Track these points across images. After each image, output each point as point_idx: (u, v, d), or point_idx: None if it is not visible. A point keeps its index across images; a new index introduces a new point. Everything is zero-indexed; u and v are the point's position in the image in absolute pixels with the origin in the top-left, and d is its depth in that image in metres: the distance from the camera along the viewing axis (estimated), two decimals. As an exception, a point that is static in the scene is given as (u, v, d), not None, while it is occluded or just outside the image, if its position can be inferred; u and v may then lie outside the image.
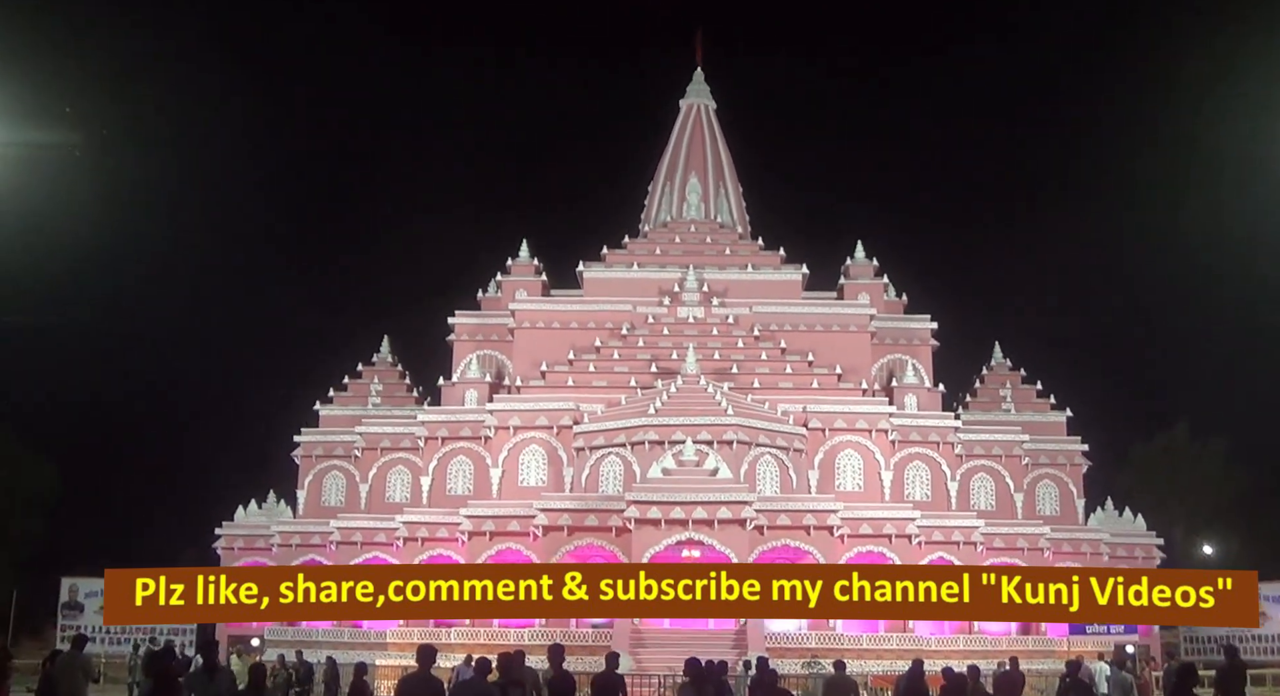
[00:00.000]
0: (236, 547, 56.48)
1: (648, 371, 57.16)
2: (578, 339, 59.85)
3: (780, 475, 52.63)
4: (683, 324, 59.65)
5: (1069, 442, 58.01)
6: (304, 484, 58.30)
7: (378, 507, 55.85)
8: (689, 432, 50.65)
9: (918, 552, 50.29)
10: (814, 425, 54.49)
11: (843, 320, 61.08)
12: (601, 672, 21.10)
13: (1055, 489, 56.94)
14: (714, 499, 47.29)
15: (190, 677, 16.46)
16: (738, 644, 43.62)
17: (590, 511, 49.31)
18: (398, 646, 46.38)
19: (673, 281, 61.92)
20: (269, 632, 51.17)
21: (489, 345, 63.03)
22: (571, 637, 42.40)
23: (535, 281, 64.56)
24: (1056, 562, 52.78)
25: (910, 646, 45.34)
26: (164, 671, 15.86)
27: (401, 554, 51.98)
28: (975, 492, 55.72)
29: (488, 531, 50.45)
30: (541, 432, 55.08)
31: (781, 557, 49.67)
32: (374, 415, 59.25)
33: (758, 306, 60.63)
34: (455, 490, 55.51)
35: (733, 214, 69.08)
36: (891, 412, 55.49)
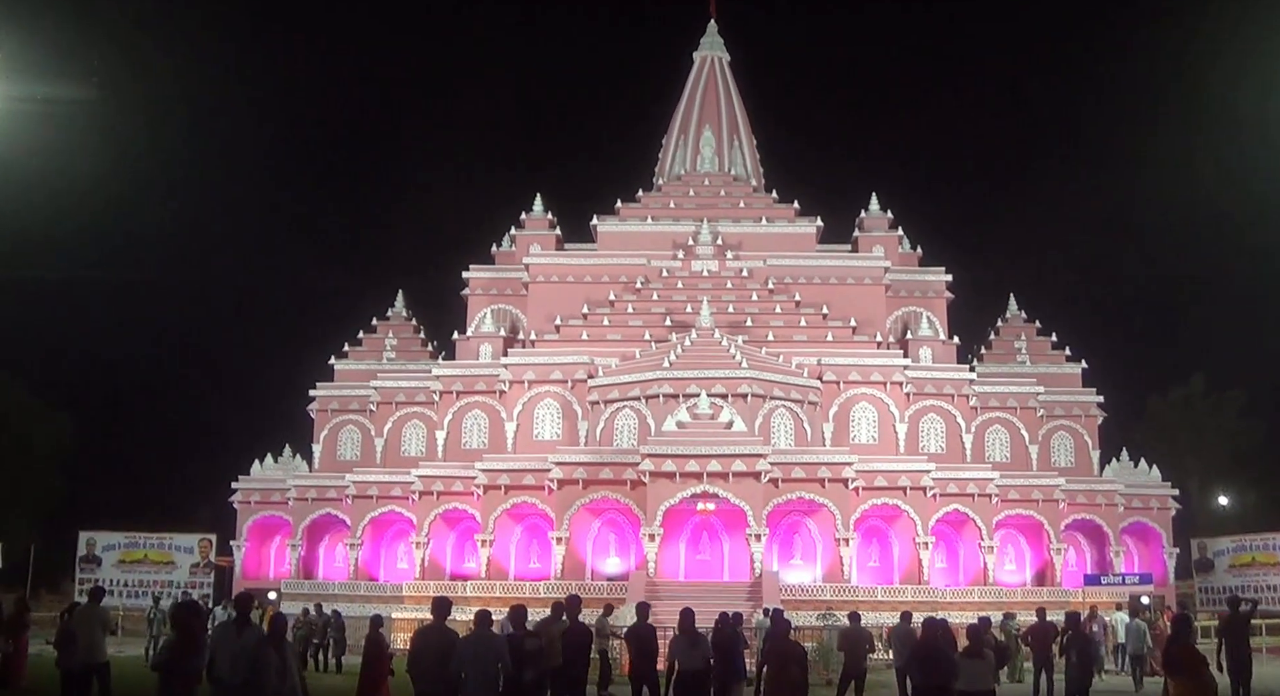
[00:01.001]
0: (252, 502, 56.84)
1: (662, 325, 57.08)
2: (592, 292, 59.76)
3: (795, 428, 52.60)
4: (697, 277, 59.51)
5: (1084, 394, 57.86)
6: (319, 438, 58.43)
7: (393, 462, 55.97)
8: (703, 386, 50.62)
9: (932, 505, 50.31)
10: (828, 378, 54.40)
11: (857, 273, 60.92)
12: (635, 624, 21.10)
13: (1070, 441, 56.84)
14: (729, 452, 47.28)
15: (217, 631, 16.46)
16: (753, 596, 43.66)
17: (605, 465, 49.31)
18: (413, 599, 46.55)
19: (687, 234, 61.73)
20: (285, 585, 51.53)
21: (503, 299, 62.98)
22: (587, 590, 42.46)
23: (549, 235, 64.42)
24: (1071, 515, 52.93)
25: (925, 598, 45.42)
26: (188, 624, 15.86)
27: (417, 508, 52.14)
28: (990, 445, 55.63)
29: (503, 485, 50.55)
30: (556, 386, 55.07)
31: (796, 511, 49.79)
32: (389, 369, 59.29)
33: (772, 259, 60.45)
34: (470, 444, 55.57)
35: (747, 167, 68.81)
36: (906, 365, 55.36)
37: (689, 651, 19.88)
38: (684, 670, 19.91)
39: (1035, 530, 52.92)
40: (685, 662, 19.88)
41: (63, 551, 57.46)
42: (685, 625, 20.21)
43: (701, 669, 19.83)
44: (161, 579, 53.72)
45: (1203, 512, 69.68)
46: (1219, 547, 54.45)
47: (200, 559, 54.64)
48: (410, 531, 52.90)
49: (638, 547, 49.10)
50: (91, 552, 54.43)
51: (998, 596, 47.14)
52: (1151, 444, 66.39)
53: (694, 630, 20.27)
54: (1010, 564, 54.00)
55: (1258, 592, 49.75)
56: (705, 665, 19.96)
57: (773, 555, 49.61)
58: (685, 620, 20.29)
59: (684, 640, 20.02)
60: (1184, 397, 75.81)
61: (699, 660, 19.84)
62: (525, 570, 51.56)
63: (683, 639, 20.06)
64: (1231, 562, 53.39)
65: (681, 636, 20.13)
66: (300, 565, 55.29)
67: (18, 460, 65.59)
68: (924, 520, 49.93)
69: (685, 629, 20.16)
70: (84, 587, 45.98)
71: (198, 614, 16.36)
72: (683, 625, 20.25)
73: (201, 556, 54.74)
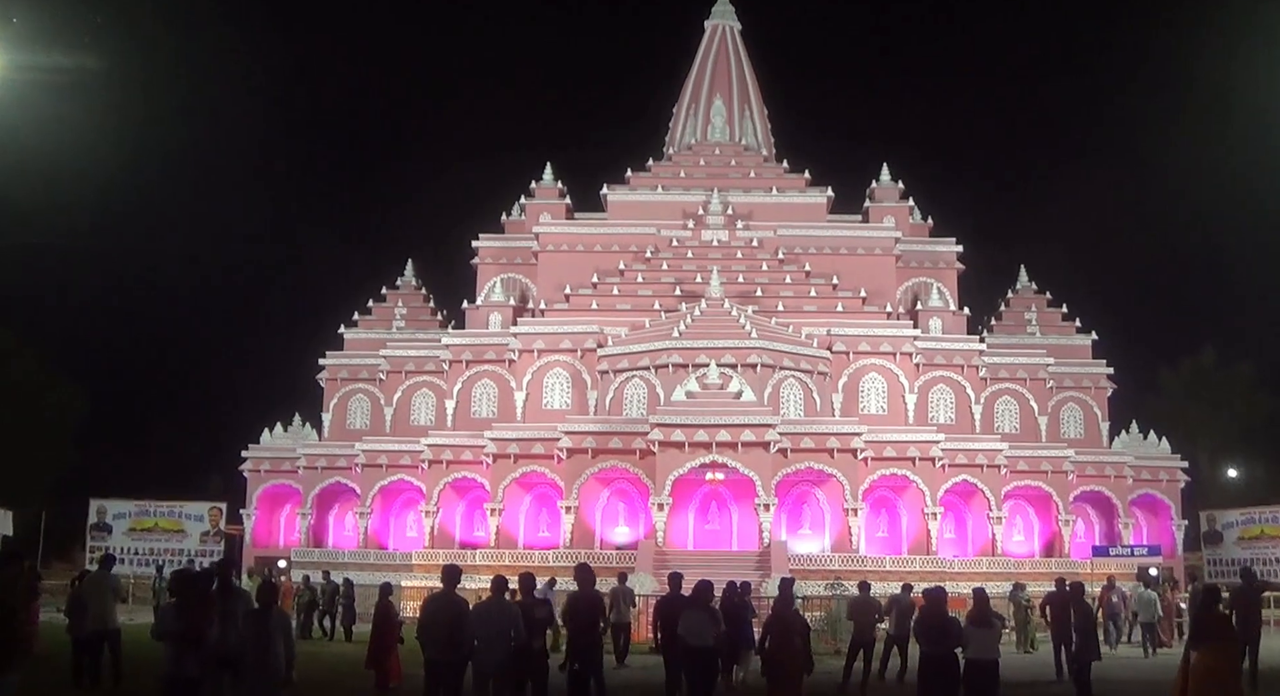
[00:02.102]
0: (262, 470, 57.10)
1: (672, 294, 57.05)
2: (602, 262, 59.71)
3: (804, 398, 52.61)
4: (707, 247, 59.43)
5: (1094, 366, 57.85)
6: (329, 407, 58.58)
7: (402, 430, 56.08)
8: (713, 356, 50.62)
9: (941, 476, 50.35)
10: (838, 348, 54.38)
11: (868, 243, 60.82)
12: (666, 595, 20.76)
13: (1080, 412, 56.88)
14: (738, 422, 47.32)
15: None
16: (761, 566, 43.75)
17: (614, 434, 49.39)
18: (423, 567, 46.68)
19: (697, 204, 61.63)
20: (295, 554, 51.67)
21: (513, 268, 62.99)
22: (596, 559, 42.55)
23: (559, 204, 64.37)
24: (1080, 486, 52.93)
25: (933, 568, 45.50)
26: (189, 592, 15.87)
27: (426, 477, 52.28)
28: (999, 416, 55.62)
29: (512, 454, 50.67)
30: (565, 356, 55.08)
31: (805, 481, 49.83)
32: (398, 338, 59.36)
33: (782, 229, 60.35)
34: (479, 413, 55.64)
35: (758, 136, 68.67)
36: (916, 336, 55.30)
37: (702, 626, 18.39)
38: (694, 646, 18.37)
39: (1044, 501, 52.94)
40: (696, 638, 18.34)
41: (74, 519, 57.74)
42: (699, 598, 18.92)
43: (712, 646, 18.53)
44: (172, 547, 53.92)
45: (1212, 485, 69.62)
46: (1228, 520, 54.38)
47: (210, 527, 54.85)
48: (420, 500, 53.04)
49: (646, 517, 49.18)
50: (102, 521, 54.66)
51: (1006, 567, 47.19)
52: (1161, 416, 66.24)
53: (708, 603, 19.12)
54: (1019, 535, 54.03)
55: (1266, 565, 49.78)
56: (716, 642, 18.66)
57: (781, 525, 49.66)
58: (700, 593, 18.97)
59: (697, 614, 18.60)
60: (1194, 370, 75.69)
61: (710, 636, 18.40)
62: (534, 539, 51.66)
63: (696, 612, 18.64)
64: (1240, 535, 53.34)
65: (695, 609, 18.73)
66: (310, 533, 55.50)
67: (30, 428, 65.73)
68: (932, 491, 49.99)
69: (699, 602, 18.87)
70: (94, 555, 46.25)
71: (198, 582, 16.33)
72: (696, 598, 18.96)
73: (212, 525, 54.95)
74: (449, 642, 15.69)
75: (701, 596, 18.96)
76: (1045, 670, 26.29)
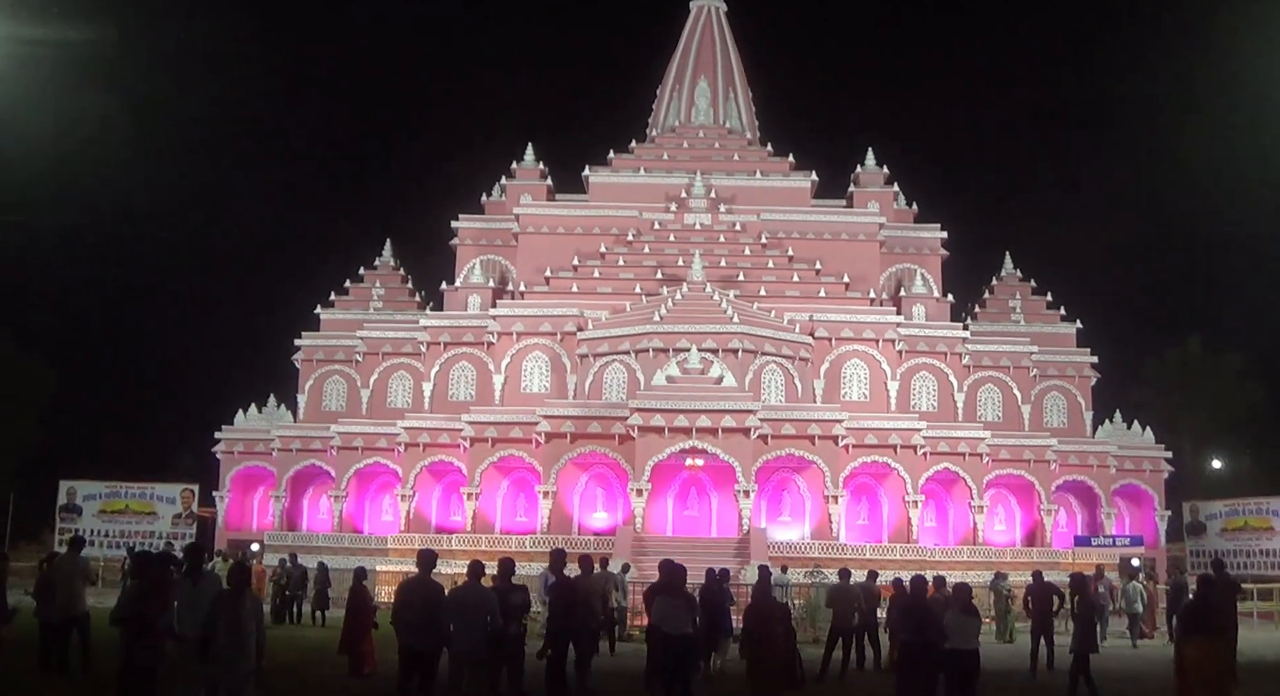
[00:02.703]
0: (236, 452, 56.91)
1: (653, 278, 56.97)
2: (582, 244, 59.60)
3: (785, 384, 52.61)
4: (689, 230, 59.35)
5: (1078, 354, 57.96)
6: (304, 388, 58.41)
7: (379, 413, 55.96)
8: (694, 340, 50.59)
9: (923, 463, 50.42)
10: (820, 334, 54.36)
11: (852, 228, 60.79)
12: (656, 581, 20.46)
13: (1063, 401, 56.99)
14: (718, 407, 47.31)
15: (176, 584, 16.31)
16: (740, 553, 43.80)
17: (593, 418, 49.35)
18: (398, 552, 46.61)
19: (680, 187, 61.52)
20: (269, 537, 51.52)
21: (492, 250, 62.86)
22: (573, 545, 42.58)
23: (540, 186, 64.24)
24: (1063, 475, 53.07)
25: (914, 557, 45.56)
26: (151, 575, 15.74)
27: (402, 460, 52.19)
28: (982, 404, 55.71)
29: (490, 438, 50.59)
30: (545, 339, 54.98)
31: (785, 467, 49.88)
32: (375, 319, 59.23)
33: (765, 213, 60.29)
34: (457, 396, 55.55)
35: (742, 119, 68.57)
36: (899, 322, 55.31)
37: (678, 612, 17.85)
38: (668, 633, 17.80)
39: (1026, 490, 53.05)
40: (672, 625, 17.78)
41: (43, 501, 57.45)
42: (674, 582, 18.17)
43: (688, 633, 17.90)
44: (143, 529, 53.79)
45: (1196, 476, 69.78)
46: (1211, 511, 54.65)
47: (182, 509, 54.73)
48: (396, 483, 52.96)
49: (625, 502, 49.18)
50: (72, 502, 54.46)
51: (987, 556, 47.26)
52: (1145, 406, 66.33)
53: (684, 589, 18.40)
54: (1000, 524, 54.22)
55: (1249, 557, 50.02)
56: (693, 628, 18.05)
57: (761, 512, 49.73)
58: (675, 576, 18.22)
59: (673, 600, 17.98)
60: (1179, 359, 75.75)
61: (687, 622, 17.84)
62: (512, 524, 51.64)
63: (671, 598, 18.02)
64: (1224, 526, 53.61)
65: (670, 595, 18.08)
66: (284, 516, 55.36)
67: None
68: (914, 478, 50.04)
69: (674, 587, 18.15)
70: (64, 537, 45.96)
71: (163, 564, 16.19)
72: (671, 581, 18.19)
73: (184, 507, 54.81)
74: (424, 628, 15.63)
75: (676, 581, 18.21)
76: (1025, 661, 26.28)
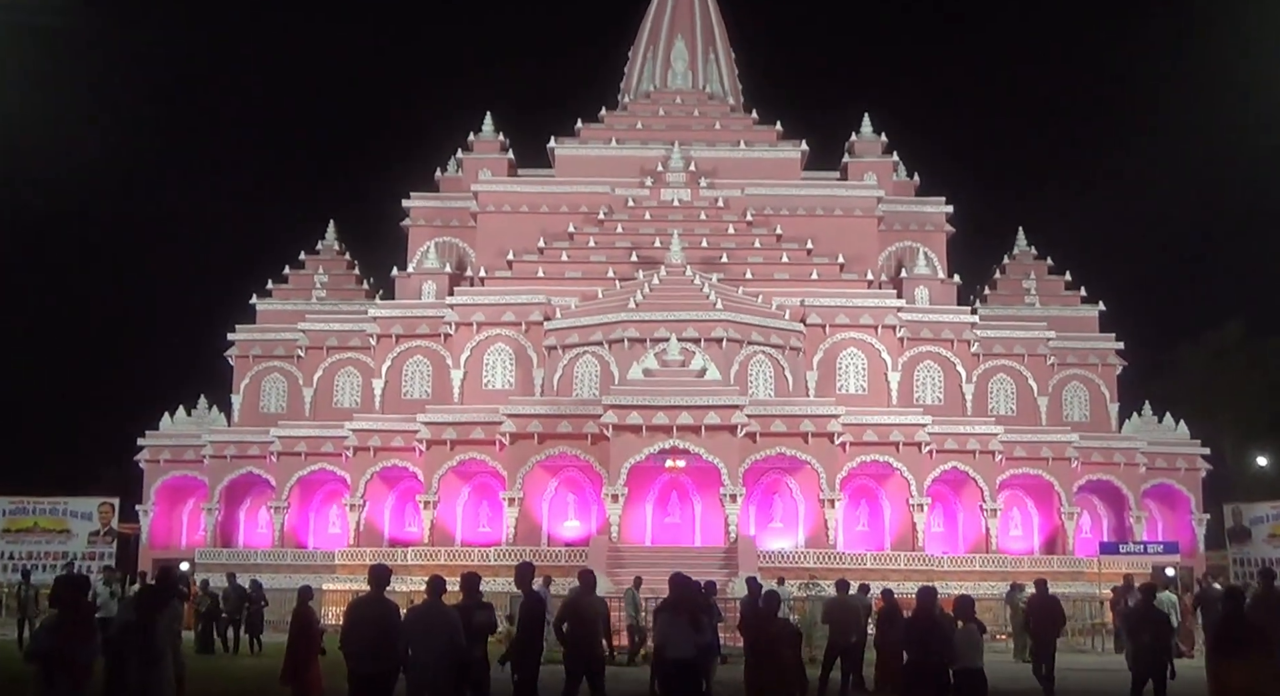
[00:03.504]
0: (162, 460, 56.04)
1: (627, 261, 56.93)
2: (549, 224, 59.53)
3: (775, 376, 52.64)
4: (666, 207, 59.31)
5: (1101, 340, 57.99)
6: (239, 388, 58.14)
7: (324, 414, 55.81)
8: (673, 329, 50.54)
9: (928, 463, 50.49)
10: (813, 321, 54.35)
11: (846, 203, 60.82)
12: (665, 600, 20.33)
13: (1085, 392, 56.99)
14: (701, 403, 47.28)
15: None
16: (727, 563, 43.83)
17: (563, 417, 49.31)
18: (347, 568, 46.58)
19: (655, 159, 61.51)
20: (200, 555, 51.19)
21: (448, 231, 62.78)
22: (542, 557, 42.59)
23: (500, 159, 64.16)
24: (1086, 475, 52.96)
25: (920, 566, 45.68)
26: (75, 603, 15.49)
27: (351, 466, 52.05)
28: (994, 396, 55.73)
29: (448, 440, 50.49)
30: (508, 329, 54.89)
31: (776, 468, 49.92)
32: (319, 310, 59.01)
33: (751, 188, 60.29)
34: (412, 394, 55.44)
35: (724, 83, 68.57)
36: (900, 306, 55.30)
37: (681, 634, 17.48)
38: (671, 659, 17.51)
39: (1044, 492, 53.08)
40: (674, 649, 17.48)
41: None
42: (679, 598, 17.92)
43: (693, 657, 17.58)
44: (54, 549, 53.02)
45: (1238, 475, 69.41)
46: (1256, 514, 54.34)
47: (100, 526, 54.14)
48: (344, 492, 52.82)
49: (599, 509, 49.17)
50: (-25, 522, 53.89)
51: (1001, 565, 47.40)
52: (1179, 397, 65.81)
53: (690, 605, 18.03)
54: (1016, 529, 54.19)
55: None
56: (699, 652, 17.74)
57: (750, 518, 49.74)
58: (680, 591, 17.99)
59: (675, 620, 17.64)
60: (1218, 345, 75.09)
61: (692, 646, 17.49)
62: (474, 534, 51.52)
63: (674, 617, 17.68)
64: (1271, 531, 53.24)
65: (672, 614, 17.77)
66: (217, 531, 54.90)
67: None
68: (919, 480, 50.10)
69: (679, 603, 17.87)
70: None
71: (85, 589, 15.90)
72: (676, 598, 17.93)
73: (102, 523, 54.26)
74: (377, 653, 15.58)
75: (682, 598, 17.94)
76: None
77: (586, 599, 19.19)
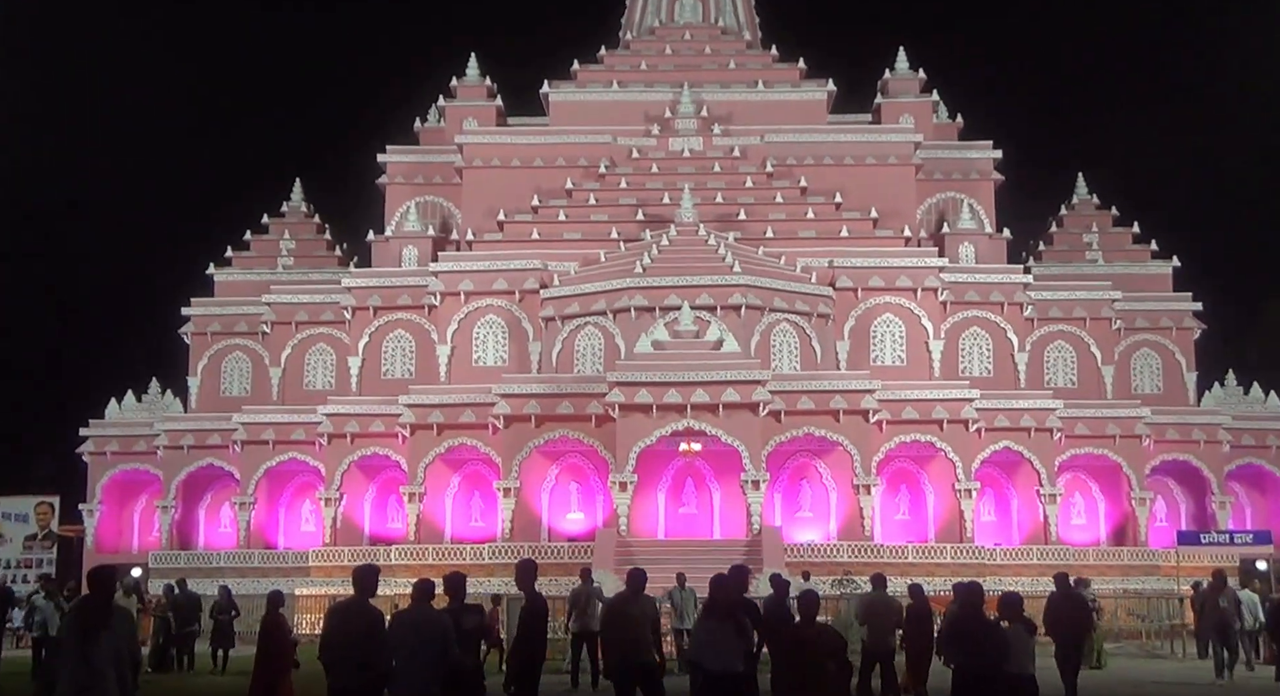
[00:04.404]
0: (109, 452, 55.70)
1: (632, 220, 56.96)
2: (544, 180, 59.54)
3: (801, 347, 52.68)
4: (676, 158, 59.31)
5: (1176, 300, 57.75)
6: (197, 370, 58.22)
7: (294, 397, 55.90)
8: (685, 296, 50.57)
9: (976, 443, 50.45)
10: (843, 284, 54.37)
11: (880, 150, 60.77)
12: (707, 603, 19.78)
13: (1157, 360, 56.80)
14: (718, 378, 47.29)
15: None
16: (750, 558, 43.76)
17: (563, 396, 49.35)
18: (323, 570, 46.73)
19: (663, 104, 61.46)
20: (154, 559, 51.15)
21: (430, 189, 62.83)
22: (542, 553, 42.72)
23: (488, 107, 64.13)
24: (1159, 455, 52.64)
25: (968, 560, 45.66)
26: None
27: (326, 455, 52.12)
28: (1051, 366, 55.70)
29: (435, 424, 50.51)
30: (500, 299, 54.96)
31: (804, 451, 49.95)
32: (286, 280, 59.09)
33: (771, 134, 60.26)
34: (392, 373, 55.58)
35: (738, 16, 68.49)
36: (942, 266, 55.31)
37: (723, 642, 16.27)
38: (714, 672, 16.28)
39: (1111, 475, 53.04)
40: (716, 660, 16.22)
41: None
42: (719, 600, 16.71)
43: (737, 671, 16.33)
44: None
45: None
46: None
47: (38, 529, 54.06)
48: (317, 485, 52.95)
49: (605, 500, 49.33)
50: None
51: (1063, 558, 47.21)
52: (1268, 364, 65.69)
53: (734, 608, 16.86)
54: (1079, 517, 54.04)
55: None
56: (745, 664, 16.60)
57: (774, 507, 49.89)
58: (720, 593, 16.79)
59: (718, 626, 16.41)
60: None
61: (736, 656, 16.27)
62: (465, 530, 51.74)
63: (716, 623, 16.47)
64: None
65: (714, 619, 16.54)
66: (174, 532, 54.73)
67: None
68: (966, 462, 50.10)
69: (719, 606, 16.65)
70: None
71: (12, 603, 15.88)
72: (717, 601, 16.71)
73: (40, 526, 54.17)
74: (361, 664, 15.60)
75: (721, 600, 16.82)
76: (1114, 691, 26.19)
77: (634, 601, 18.80)
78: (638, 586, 18.89)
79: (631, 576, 19.08)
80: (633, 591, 18.92)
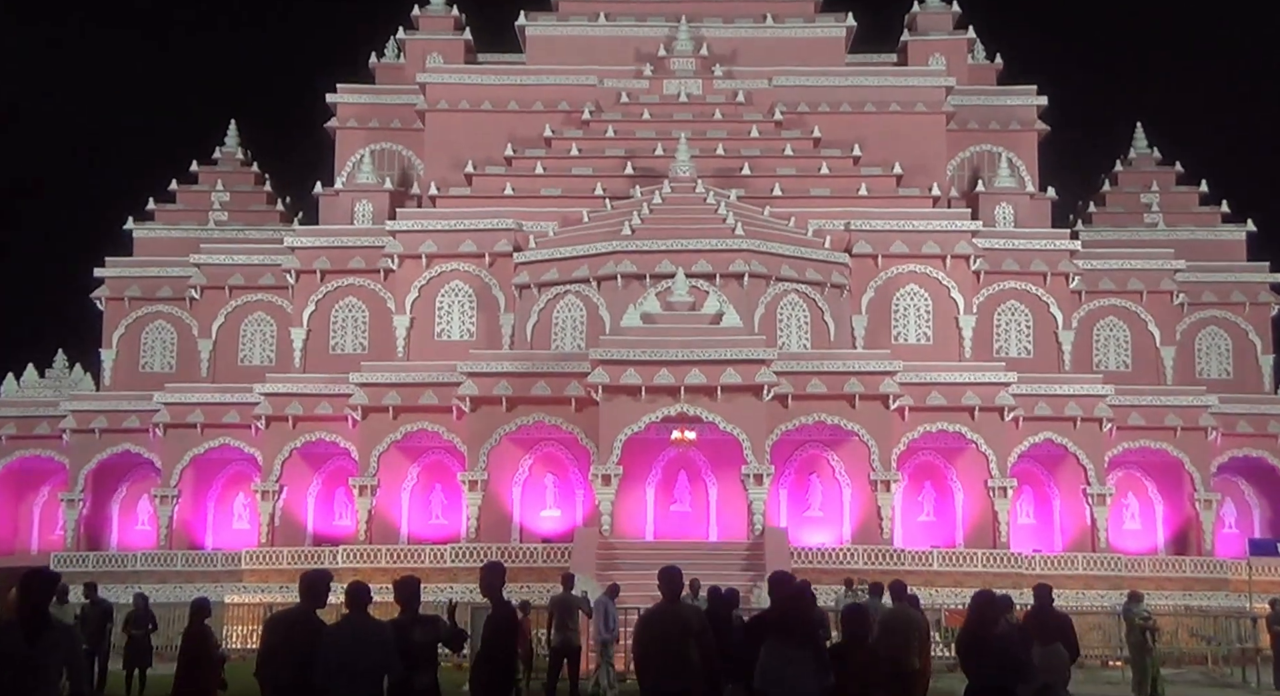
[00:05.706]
0: (4, 436, 55.23)
1: (620, 173, 56.95)
2: (519, 126, 59.57)
3: (812, 322, 52.72)
4: (671, 103, 59.33)
5: (1250, 271, 57.91)
6: (112, 341, 58.09)
7: (226, 374, 55.88)
8: (680, 262, 50.61)
9: (1014, 434, 50.45)
10: (861, 250, 54.36)
11: (906, 96, 60.77)
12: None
13: (1227, 340, 56.80)
14: (717, 356, 47.26)
15: None
16: (751, 563, 43.84)
17: (539, 376, 49.29)
18: (258, 574, 46.73)
19: (656, 41, 61.49)
20: (57, 560, 50.68)
21: (388, 135, 62.82)
22: (513, 556, 42.81)
23: (455, 41, 64.12)
24: (1228, 450, 52.51)
25: (1003, 568, 45.68)
26: None
27: (263, 441, 52.06)
28: (1101, 346, 55.81)
29: (390, 406, 50.44)
30: (467, 263, 54.95)
31: (814, 441, 50.01)
32: (218, 238, 58.99)
33: (781, 77, 60.27)
34: (342, 348, 55.65)
35: (744, -62, 68.55)
36: (975, 230, 55.24)
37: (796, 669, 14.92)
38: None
39: (1171, 472, 53.00)
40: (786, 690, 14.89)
41: None
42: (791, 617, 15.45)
43: None
44: None
45: None
46: None
47: (-88, 528, 54.29)
48: (253, 476, 52.91)
49: (586, 494, 49.38)
50: None
51: (1114, 568, 47.21)
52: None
53: (809, 627, 15.63)
54: (1132, 521, 53.94)
55: None
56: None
57: (780, 505, 49.93)
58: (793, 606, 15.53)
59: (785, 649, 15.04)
60: None
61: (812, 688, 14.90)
62: (424, 528, 51.74)
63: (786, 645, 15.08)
64: None
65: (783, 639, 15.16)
66: (81, 530, 54.59)
67: None
68: (1001, 456, 50.12)
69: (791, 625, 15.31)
70: None
71: None
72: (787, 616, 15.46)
73: (-86, 524, 54.40)
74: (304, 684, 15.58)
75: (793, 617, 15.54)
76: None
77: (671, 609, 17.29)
78: (674, 590, 17.02)
79: (664, 578, 17.05)
80: (669, 597, 16.95)
